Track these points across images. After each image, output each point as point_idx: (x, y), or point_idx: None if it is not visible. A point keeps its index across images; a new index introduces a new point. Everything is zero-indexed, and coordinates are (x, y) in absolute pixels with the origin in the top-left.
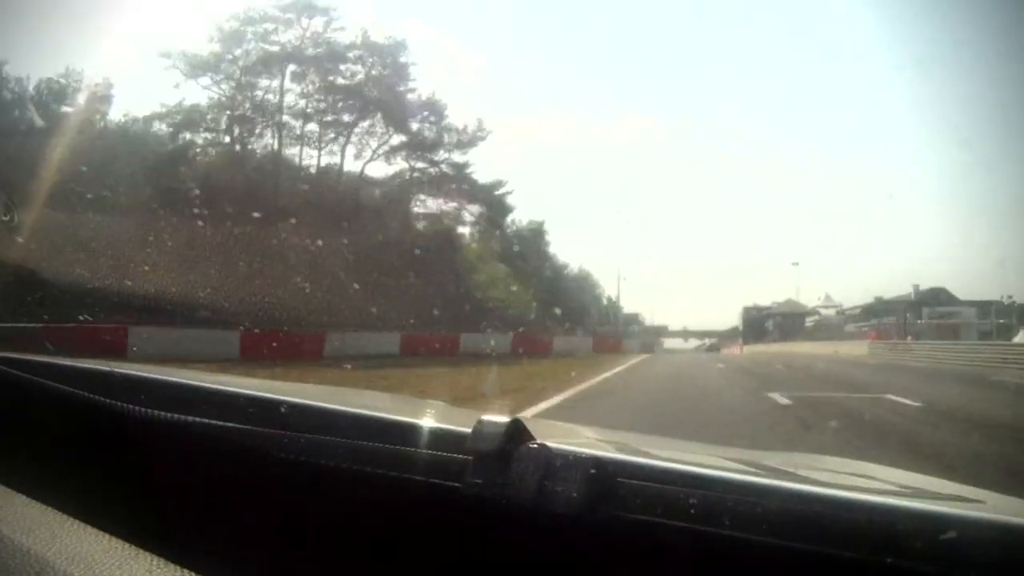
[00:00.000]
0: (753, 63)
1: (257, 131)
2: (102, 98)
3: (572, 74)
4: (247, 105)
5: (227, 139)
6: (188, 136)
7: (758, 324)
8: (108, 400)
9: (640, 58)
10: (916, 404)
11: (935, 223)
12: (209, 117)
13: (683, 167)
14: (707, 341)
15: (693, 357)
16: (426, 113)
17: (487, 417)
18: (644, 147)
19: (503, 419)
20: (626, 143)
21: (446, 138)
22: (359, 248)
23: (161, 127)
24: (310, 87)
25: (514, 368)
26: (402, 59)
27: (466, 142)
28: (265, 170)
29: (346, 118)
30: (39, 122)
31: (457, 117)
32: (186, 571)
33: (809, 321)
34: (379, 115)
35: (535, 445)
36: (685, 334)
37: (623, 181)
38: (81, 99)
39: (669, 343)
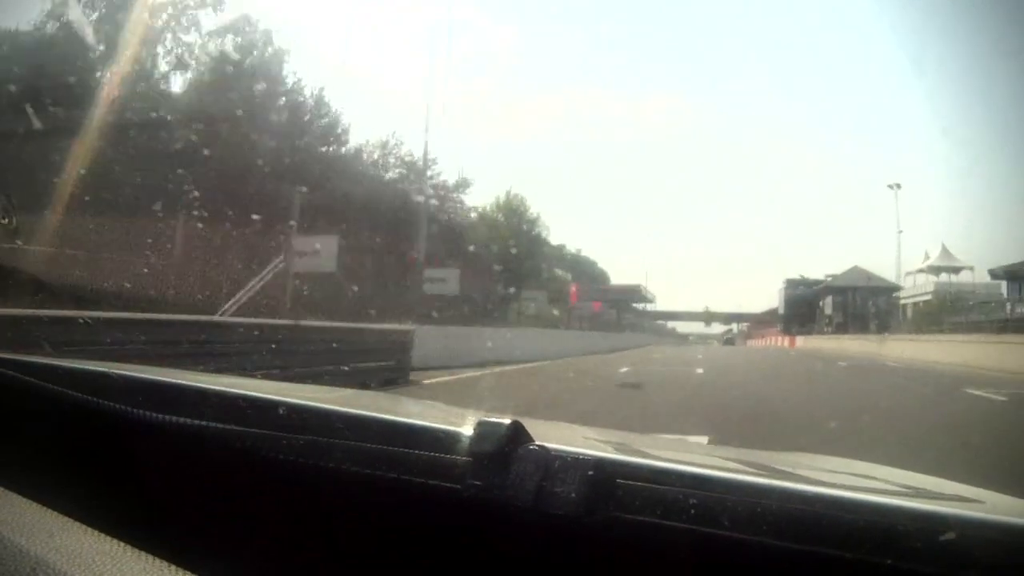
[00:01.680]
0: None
1: None
2: None
3: (596, 54)
4: None
5: None
6: None
7: (807, 304)
8: (106, 402)
9: (659, 39)
10: None
11: None
12: None
13: (709, 138)
14: (735, 327)
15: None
16: None
17: (487, 418)
18: (665, 122)
19: (503, 420)
20: (644, 116)
21: None
22: None
23: None
24: None
25: None
26: None
27: None
28: None
29: None
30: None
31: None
32: (184, 572)
33: (912, 295)
34: None
35: (535, 447)
36: (707, 316)
37: (641, 155)
38: None
39: (685, 327)
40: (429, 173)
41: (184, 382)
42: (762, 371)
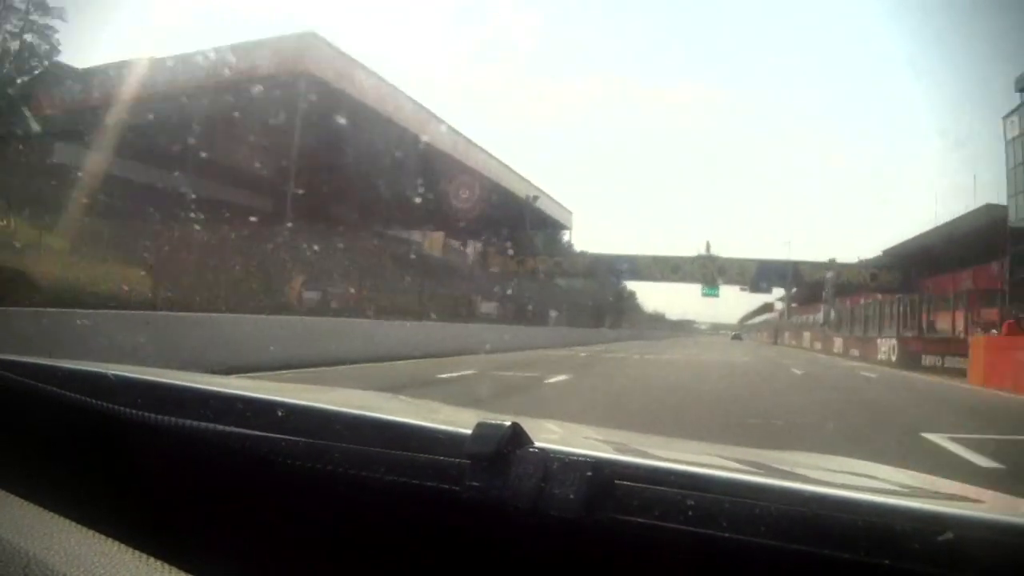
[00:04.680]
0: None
1: None
2: None
3: (613, 43)
4: None
5: None
6: None
7: None
8: (103, 403)
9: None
10: None
11: None
12: None
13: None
14: (780, 308)
15: None
16: None
17: (486, 419)
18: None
19: (503, 422)
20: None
21: None
22: None
23: None
24: None
25: None
26: None
27: None
28: None
29: None
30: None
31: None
32: (182, 574)
33: None
34: None
35: (534, 448)
36: (705, 267)
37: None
38: None
39: (678, 305)
40: None
41: (183, 383)
42: None
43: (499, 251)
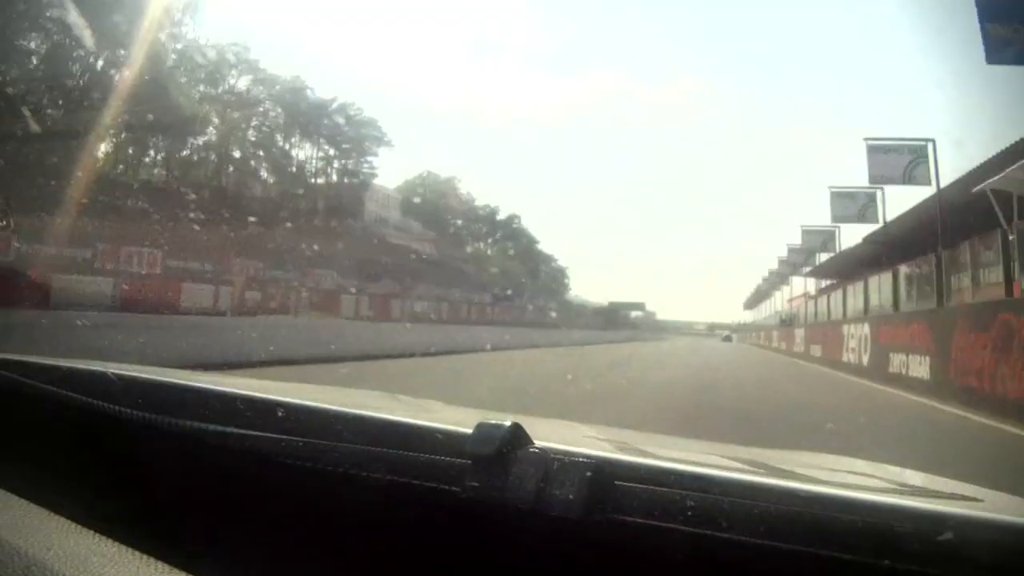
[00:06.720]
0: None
1: None
2: None
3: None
4: None
5: None
6: None
7: None
8: (103, 403)
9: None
10: None
11: None
12: None
13: None
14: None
15: None
16: None
17: (487, 419)
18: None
19: (503, 422)
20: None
21: None
22: None
23: None
24: None
25: None
26: None
27: None
28: None
29: None
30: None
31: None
32: (182, 574)
33: None
34: None
35: (534, 448)
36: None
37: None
38: None
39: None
40: None
41: (183, 382)
42: None
43: None
